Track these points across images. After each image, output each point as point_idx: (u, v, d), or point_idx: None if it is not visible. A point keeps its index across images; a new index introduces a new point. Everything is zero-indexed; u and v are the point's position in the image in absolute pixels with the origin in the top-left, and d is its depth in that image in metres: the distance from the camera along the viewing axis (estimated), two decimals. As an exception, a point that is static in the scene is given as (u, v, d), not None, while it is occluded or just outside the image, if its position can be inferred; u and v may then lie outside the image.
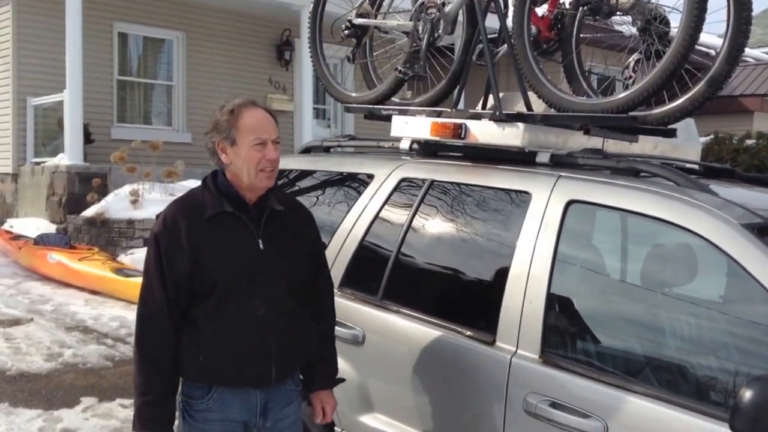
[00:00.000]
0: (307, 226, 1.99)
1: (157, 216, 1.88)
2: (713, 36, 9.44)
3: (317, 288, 2.02)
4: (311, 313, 1.97)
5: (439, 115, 2.58)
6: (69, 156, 8.27)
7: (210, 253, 1.79)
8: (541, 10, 2.52)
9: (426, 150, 2.65)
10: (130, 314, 5.74)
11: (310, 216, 2.03)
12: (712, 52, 2.36)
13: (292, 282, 1.89)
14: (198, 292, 1.80)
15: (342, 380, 2.09)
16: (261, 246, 1.83)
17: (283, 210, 1.89)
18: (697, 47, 2.12)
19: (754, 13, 2.09)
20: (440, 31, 2.76)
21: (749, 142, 10.28)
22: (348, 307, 2.42)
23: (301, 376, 2.01)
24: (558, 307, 1.99)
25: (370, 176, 2.62)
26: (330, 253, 2.57)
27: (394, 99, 3.04)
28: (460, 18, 2.78)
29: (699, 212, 1.80)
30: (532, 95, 2.44)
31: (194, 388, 1.85)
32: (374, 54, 3.24)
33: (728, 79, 2.10)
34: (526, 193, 2.13)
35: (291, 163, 3.09)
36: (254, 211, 1.85)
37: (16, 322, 5.44)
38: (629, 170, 2.07)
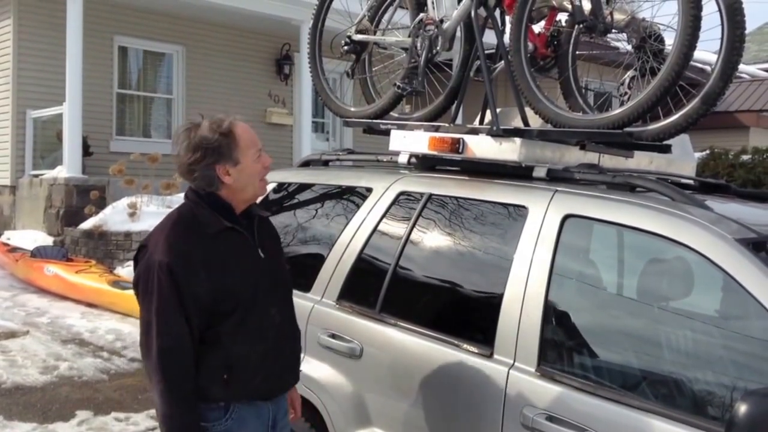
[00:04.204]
0: (275, 231, 2.03)
1: (144, 242, 1.79)
2: (708, 52, 9.53)
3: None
4: None
5: (437, 129, 2.60)
6: (68, 168, 8.28)
7: (228, 272, 1.75)
8: (538, 28, 2.56)
9: (424, 164, 2.67)
10: (127, 327, 5.72)
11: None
12: (708, 69, 2.39)
13: (288, 286, 1.94)
14: (220, 312, 1.74)
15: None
16: (261, 255, 1.84)
17: (267, 216, 1.93)
18: (691, 64, 2.16)
19: (748, 30, 2.13)
20: (438, 47, 2.79)
21: (745, 157, 10.33)
22: (346, 320, 2.43)
23: None
24: (555, 320, 2.00)
25: (369, 190, 2.63)
26: (328, 266, 2.58)
27: (393, 114, 3.07)
28: (458, 34, 2.81)
29: (694, 227, 1.82)
30: (528, 111, 2.47)
31: (209, 410, 1.76)
32: (373, 69, 3.28)
33: (722, 95, 2.13)
34: (523, 207, 2.14)
35: (290, 176, 3.11)
36: (245, 222, 1.85)
37: (12, 334, 5.42)
38: (625, 185, 2.09)
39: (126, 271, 7.16)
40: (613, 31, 2.34)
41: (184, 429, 1.72)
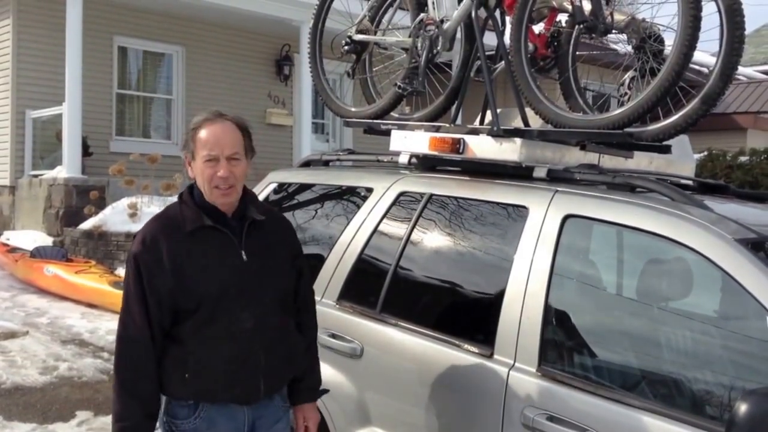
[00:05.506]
0: (287, 234, 1.96)
1: (135, 235, 1.84)
2: (707, 54, 9.55)
3: (300, 297, 1.98)
4: (295, 324, 1.95)
5: (437, 130, 2.60)
6: (67, 169, 8.28)
7: (193, 270, 1.74)
8: (538, 28, 2.57)
9: (424, 164, 2.68)
10: (127, 327, 5.73)
11: (289, 224, 2.01)
12: (706, 70, 2.40)
13: (277, 292, 1.86)
14: (182, 310, 1.75)
15: (325, 391, 2.06)
16: (244, 258, 1.80)
17: (263, 220, 1.86)
18: (691, 65, 2.16)
19: (746, 33, 2.13)
20: (439, 48, 2.80)
21: (743, 158, 10.36)
22: (346, 320, 2.43)
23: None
24: (555, 320, 2.00)
25: (369, 190, 2.64)
26: (329, 266, 2.58)
27: (393, 114, 3.07)
28: (459, 35, 2.82)
29: (694, 227, 1.82)
30: (529, 111, 2.48)
31: (179, 407, 1.79)
32: (374, 69, 3.28)
33: (722, 96, 2.14)
34: (524, 207, 2.15)
35: (290, 176, 3.12)
36: (234, 223, 1.82)
37: (11, 334, 5.41)
38: (625, 185, 2.10)
39: (125, 271, 7.15)
40: (613, 31, 2.35)
41: (125, 421, 1.73)
